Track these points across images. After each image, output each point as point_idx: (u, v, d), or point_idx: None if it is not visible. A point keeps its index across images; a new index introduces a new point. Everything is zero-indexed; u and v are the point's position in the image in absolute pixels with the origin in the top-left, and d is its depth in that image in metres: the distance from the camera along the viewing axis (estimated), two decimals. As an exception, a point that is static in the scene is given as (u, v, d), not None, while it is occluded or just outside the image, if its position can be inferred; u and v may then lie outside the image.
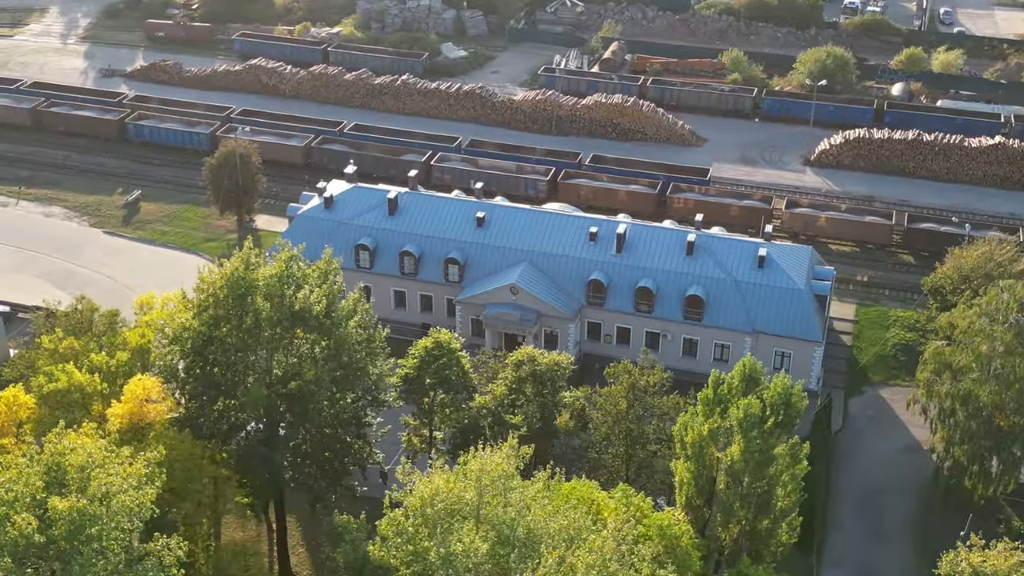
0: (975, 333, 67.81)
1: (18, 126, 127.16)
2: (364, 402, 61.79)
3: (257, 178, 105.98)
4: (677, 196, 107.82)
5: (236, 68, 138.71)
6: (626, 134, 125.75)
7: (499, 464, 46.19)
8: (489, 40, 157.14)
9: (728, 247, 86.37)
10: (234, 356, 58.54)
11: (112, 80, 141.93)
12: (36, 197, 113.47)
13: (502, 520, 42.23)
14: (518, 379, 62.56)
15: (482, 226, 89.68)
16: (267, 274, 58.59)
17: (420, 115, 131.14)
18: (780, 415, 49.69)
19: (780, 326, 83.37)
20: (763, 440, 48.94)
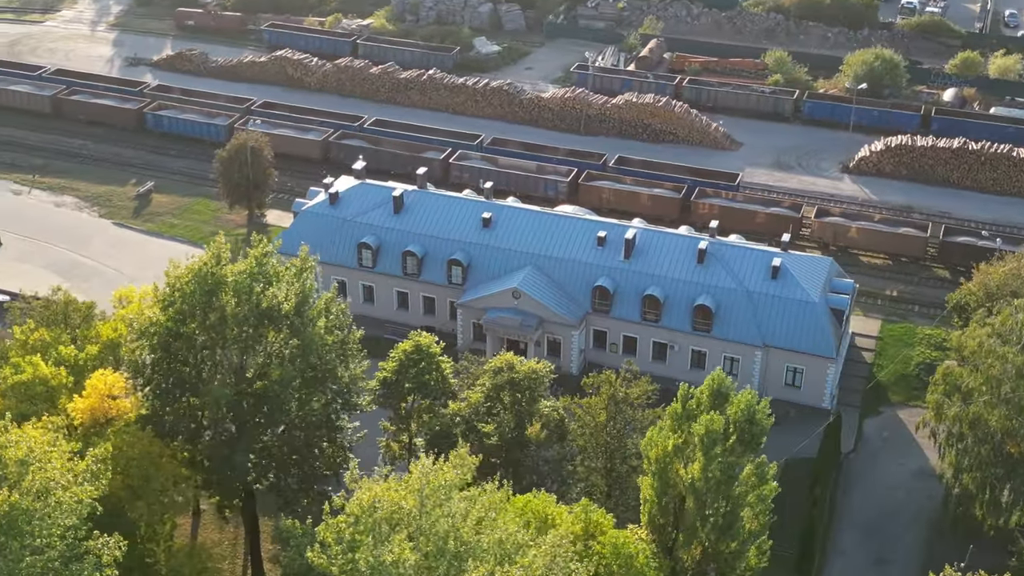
0: (985, 354, 66.33)
1: (38, 113, 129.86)
2: (335, 405, 61.98)
3: (268, 172, 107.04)
4: (702, 201, 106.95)
5: (262, 59, 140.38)
6: (657, 135, 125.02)
7: (446, 473, 46.11)
8: (525, 35, 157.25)
9: (741, 256, 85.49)
10: (201, 353, 59.14)
11: (138, 69, 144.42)
12: (49, 186, 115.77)
13: (435, 532, 42.18)
14: (495, 386, 62.40)
15: (488, 227, 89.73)
16: (237, 270, 59.09)
17: (446, 111, 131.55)
18: (743, 432, 48.97)
19: (792, 340, 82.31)
20: (725, 458, 48.30)
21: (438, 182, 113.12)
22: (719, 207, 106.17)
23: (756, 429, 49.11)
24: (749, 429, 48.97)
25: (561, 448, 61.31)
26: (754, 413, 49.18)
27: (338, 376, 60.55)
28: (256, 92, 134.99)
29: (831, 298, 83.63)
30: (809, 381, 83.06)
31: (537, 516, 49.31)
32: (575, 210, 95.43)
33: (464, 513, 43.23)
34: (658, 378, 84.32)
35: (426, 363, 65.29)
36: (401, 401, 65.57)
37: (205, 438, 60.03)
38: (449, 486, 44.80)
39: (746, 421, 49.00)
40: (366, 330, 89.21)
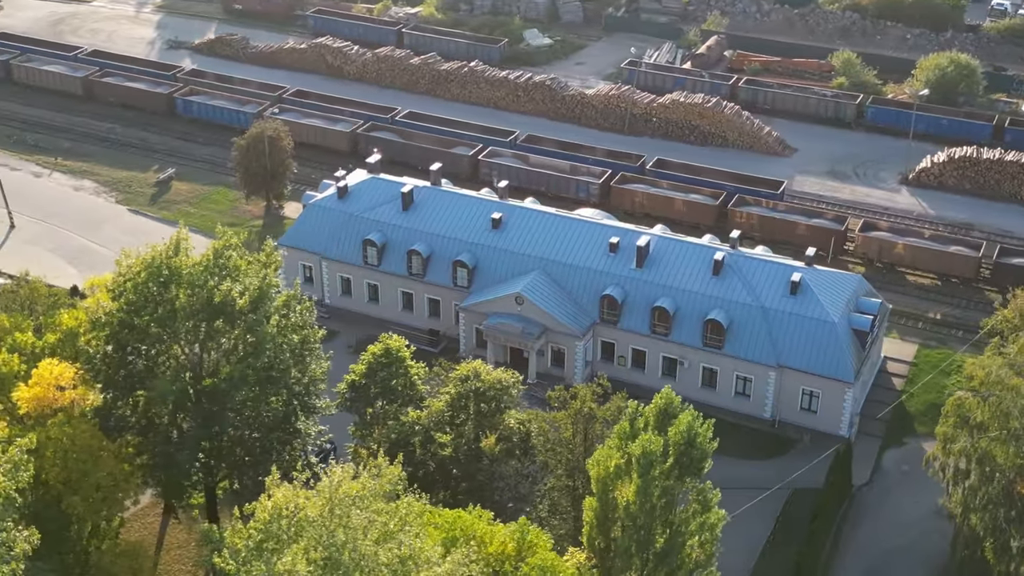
0: (993, 385, 64.46)
1: (70, 94, 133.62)
2: (293, 407, 62.69)
3: (287, 163, 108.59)
4: (740, 210, 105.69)
5: (302, 46, 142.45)
6: (705, 138, 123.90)
7: (365, 482, 46.44)
8: (582, 28, 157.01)
9: (760, 269, 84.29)
10: (155, 347, 60.32)
11: (177, 52, 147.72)
12: (71, 169, 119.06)
13: (332, 543, 42.51)
14: (459, 395, 62.53)
15: (497, 228, 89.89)
16: (192, 262, 60.17)
17: (486, 106, 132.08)
18: (682, 456, 48.30)
19: (808, 362, 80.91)
20: (662, 482, 47.73)
21: (466, 179, 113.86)
22: (757, 216, 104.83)
23: (696, 453, 48.42)
24: (688, 452, 48.30)
25: (521, 463, 61.09)
26: (695, 436, 48.49)
27: (292, 377, 61.07)
28: (293, 80, 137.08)
29: (854, 318, 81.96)
30: (826, 406, 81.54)
31: (465, 533, 49.31)
32: (595, 214, 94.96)
33: (365, 525, 43.45)
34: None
35: (395, 367, 65.56)
36: (368, 406, 65.95)
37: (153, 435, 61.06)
38: (358, 496, 45.04)
39: (686, 444, 48.34)
40: (369, 331, 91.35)
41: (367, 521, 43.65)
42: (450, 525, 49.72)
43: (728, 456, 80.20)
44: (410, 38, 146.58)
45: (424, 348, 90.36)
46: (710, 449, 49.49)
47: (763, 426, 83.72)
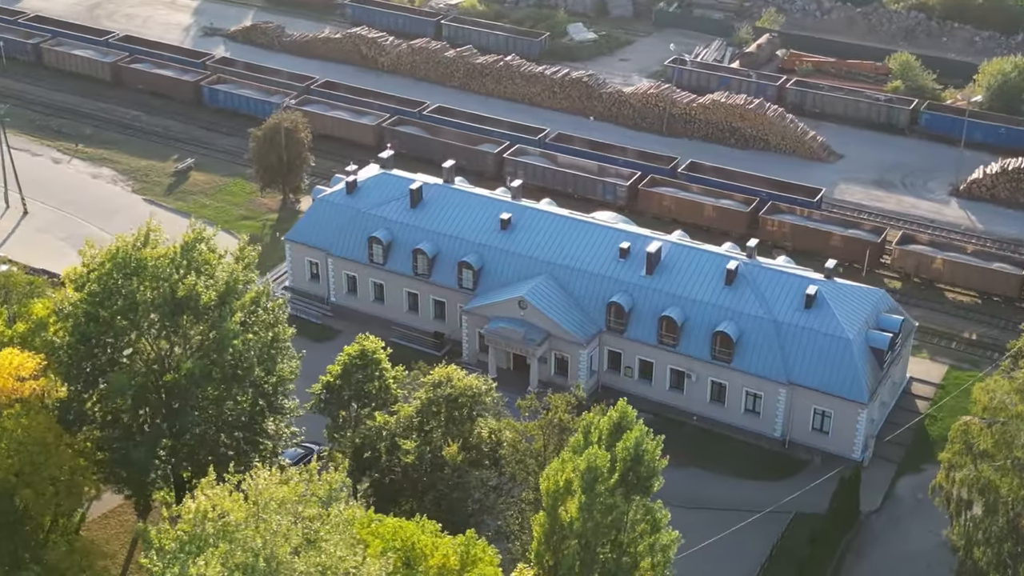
0: (997, 411, 63.05)
1: (99, 80, 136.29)
2: (259, 407, 63.30)
3: (304, 156, 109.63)
4: (772, 217, 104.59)
5: (336, 36, 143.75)
6: (747, 141, 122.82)
7: (295, 487, 46.81)
8: (631, 23, 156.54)
9: (775, 280, 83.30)
10: (119, 340, 61.29)
11: (212, 40, 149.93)
12: (91, 156, 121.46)
13: (248, 548, 42.89)
14: (429, 401, 62.68)
15: (506, 229, 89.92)
16: (158, 254, 61.07)
17: (521, 102, 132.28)
18: (628, 473, 47.88)
19: (819, 380, 79.79)
20: (605, 499, 47.40)
21: (491, 178, 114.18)
22: (790, 225, 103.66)
23: (643, 470, 48.00)
24: (635, 469, 47.91)
25: (490, 474, 60.99)
26: (642, 453, 48.08)
27: (255, 376, 61.66)
28: (326, 70, 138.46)
29: (872, 335, 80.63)
30: (838, 427, 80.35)
31: (405, 544, 49.43)
32: (612, 217, 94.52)
33: (286, 532, 43.78)
34: (674, 410, 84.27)
35: (370, 369, 65.94)
36: (342, 409, 66.39)
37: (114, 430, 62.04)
38: (286, 500, 45.40)
39: (632, 460, 47.95)
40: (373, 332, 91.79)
41: (287, 527, 43.94)
42: (391, 535, 49.85)
43: (732, 476, 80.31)
44: (448, 29, 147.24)
45: (428, 351, 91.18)
46: (658, 467, 49.02)
47: (773, 446, 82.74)
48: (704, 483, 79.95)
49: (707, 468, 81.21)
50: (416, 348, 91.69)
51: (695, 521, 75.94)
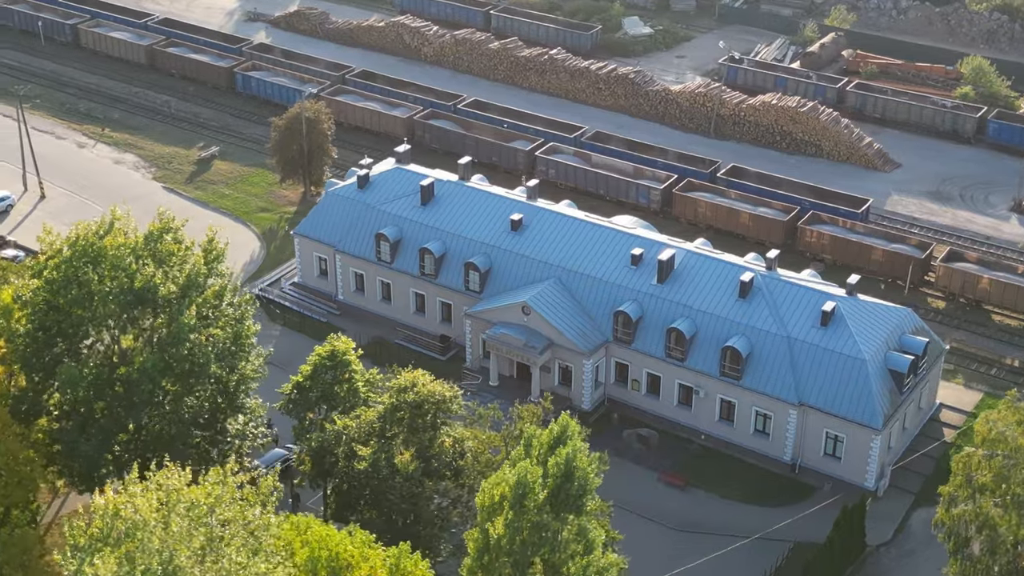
0: (996, 443, 61.51)
1: (134, 63, 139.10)
2: (217, 404, 64.10)
3: (326, 147, 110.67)
4: (811, 228, 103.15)
5: (380, 24, 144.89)
6: (798, 145, 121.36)
7: (206, 489, 47.40)
8: (693, 18, 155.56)
9: (792, 294, 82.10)
10: (79, 330, 62.53)
11: (254, 25, 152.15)
12: (115, 141, 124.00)
13: (147, 549, 43.50)
14: (392, 407, 62.94)
15: (516, 230, 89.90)
16: (119, 243, 62.17)
17: (564, 98, 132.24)
18: (558, 490, 47.53)
19: (832, 402, 78.46)
20: (531, 516, 47.11)
21: (524, 177, 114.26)
22: (829, 237, 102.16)
23: (574, 488, 47.64)
24: (565, 487, 47.59)
25: (439, 484, 61.03)
26: (573, 469, 47.74)
27: (212, 372, 62.39)
28: (367, 60, 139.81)
29: (891, 357, 79.08)
30: (851, 453, 78.95)
31: (330, 554, 49.73)
32: (631, 222, 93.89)
33: (187, 535, 44.32)
34: (682, 427, 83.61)
35: (339, 371, 66.43)
36: (310, 411, 66.97)
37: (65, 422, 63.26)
38: (194, 503, 45.98)
39: (563, 477, 47.64)
40: (378, 333, 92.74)
41: (188, 530, 44.49)
42: (317, 544, 50.19)
43: (736, 500, 79.40)
44: (497, 20, 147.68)
45: (432, 356, 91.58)
46: (592, 485, 48.63)
47: (783, 470, 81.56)
48: (704, 506, 79.13)
49: (710, 490, 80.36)
50: (420, 351, 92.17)
51: (687, 545, 75.70)
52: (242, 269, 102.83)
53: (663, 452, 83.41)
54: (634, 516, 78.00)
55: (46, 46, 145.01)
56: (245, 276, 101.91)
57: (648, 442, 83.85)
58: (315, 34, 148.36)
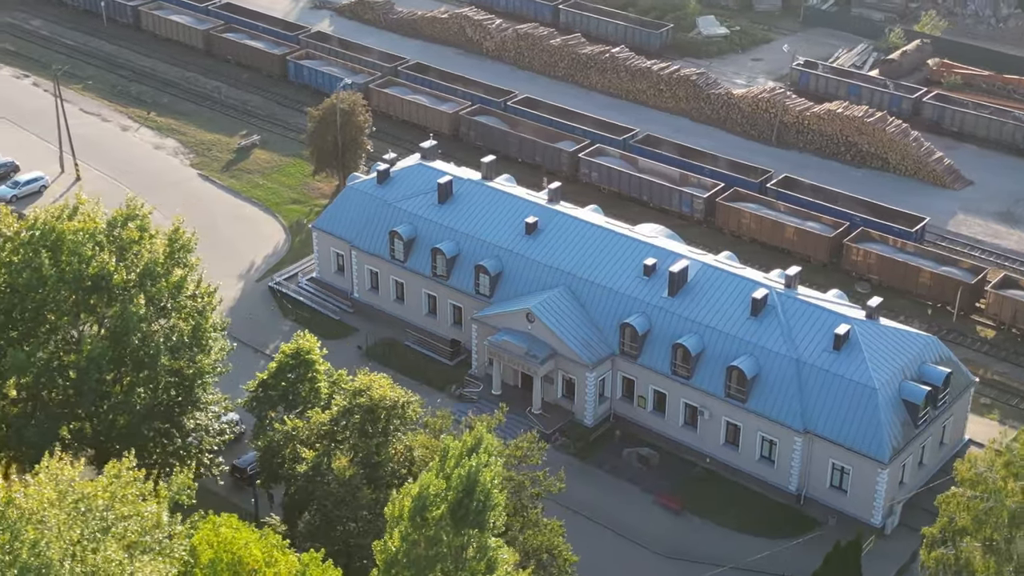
0: (976, 484, 59.69)
1: (191, 48, 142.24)
2: (171, 397, 65.28)
3: (361, 140, 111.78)
4: (858, 246, 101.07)
5: (443, 15, 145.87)
6: (863, 158, 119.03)
7: (104, 484, 48.39)
8: (776, 19, 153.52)
9: (807, 314, 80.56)
10: (35, 314, 64.24)
11: (320, 13, 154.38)
12: (159, 126, 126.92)
13: (16, 542, 44.48)
14: (345, 410, 63.43)
15: (531, 234, 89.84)
16: (77, 228, 63.74)
17: (624, 98, 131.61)
18: (458, 505, 47.31)
19: (838, 431, 76.83)
20: (427, 530, 47.02)
21: (566, 179, 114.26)
22: (876, 256, 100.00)
23: (474, 504, 47.40)
24: (465, 502, 47.40)
25: (379, 493, 61.18)
26: (474, 484, 47.53)
27: (162, 364, 63.45)
28: (427, 52, 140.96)
29: (906, 387, 77.13)
30: (857, 486, 77.19)
31: (233, 557, 50.31)
32: (656, 230, 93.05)
33: (57, 529, 45.23)
34: (687, 448, 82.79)
35: (302, 370, 67.19)
36: (271, 409, 67.83)
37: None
38: (91, 497, 46.99)
39: (463, 491, 47.46)
40: (388, 333, 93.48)
41: (65, 525, 45.41)
42: (221, 546, 50.85)
43: (732, 528, 78.48)
44: (566, 15, 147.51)
45: (441, 360, 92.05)
46: (497, 501, 48.33)
47: (787, 500, 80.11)
48: (698, 533, 78.12)
49: (706, 517, 79.28)
50: (429, 355, 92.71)
51: (671, 573, 74.81)
52: (263, 261, 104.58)
53: (663, 473, 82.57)
54: (621, 538, 77.71)
55: (108, 27, 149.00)
56: (265, 268, 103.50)
57: (648, 462, 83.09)
58: (379, 24, 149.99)
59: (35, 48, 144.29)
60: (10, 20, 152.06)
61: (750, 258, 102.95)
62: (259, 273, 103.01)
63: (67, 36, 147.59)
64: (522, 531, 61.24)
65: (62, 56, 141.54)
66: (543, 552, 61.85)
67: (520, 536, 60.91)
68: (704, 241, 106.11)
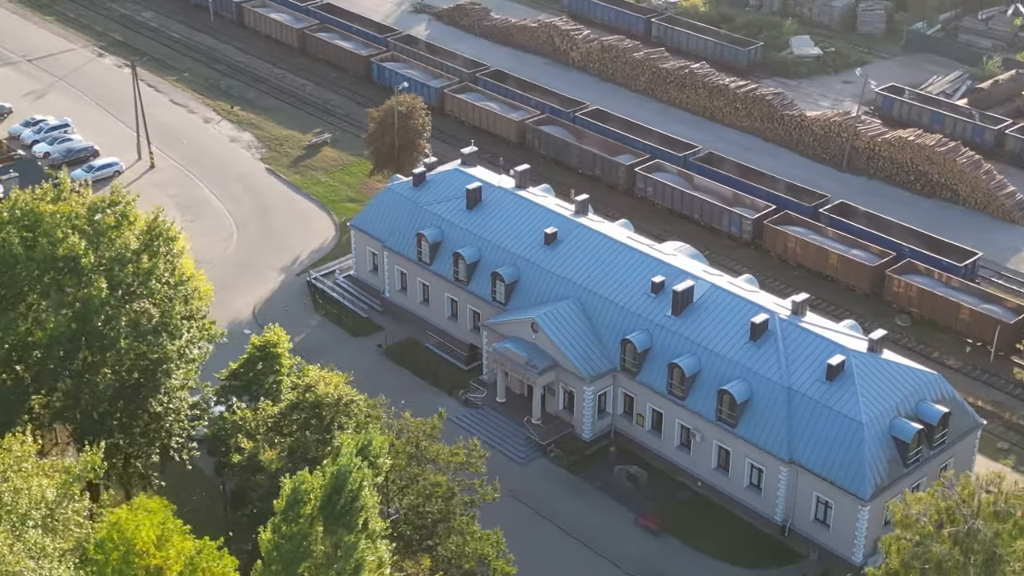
0: (907, 527, 57.48)
1: (286, 46, 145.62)
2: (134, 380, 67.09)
3: (418, 143, 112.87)
4: (900, 277, 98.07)
5: (533, 24, 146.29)
6: (933, 188, 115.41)
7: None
8: (878, 42, 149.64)
9: (805, 342, 78.57)
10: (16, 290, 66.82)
11: (419, 17, 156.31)
12: (240, 120, 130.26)
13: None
14: (293, 404, 64.35)
15: (549, 244, 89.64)
16: (54, 210, 66.06)
17: (700, 115, 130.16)
18: (326, 503, 47.56)
19: (822, 463, 74.77)
20: (292, 526, 47.39)
21: (622, 192, 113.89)
22: (917, 288, 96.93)
23: (340, 503, 47.63)
24: (332, 500, 47.68)
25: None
26: (343, 484, 47.76)
27: (119, 347, 65.13)
28: (513, 59, 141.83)
29: (897, 424, 74.64)
30: (839, 521, 75.00)
31: (123, 539, 51.48)
32: (680, 248, 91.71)
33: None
34: (681, 471, 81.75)
35: (268, 363, 68.41)
36: (238, 399, 69.20)
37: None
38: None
39: (332, 490, 47.77)
40: (411, 335, 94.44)
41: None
42: (113, 527, 52.09)
43: (710, 555, 77.17)
44: (658, 29, 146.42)
45: (457, 364, 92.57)
46: (366, 502, 48.47)
47: (772, 530, 78.27)
48: (673, 556, 76.91)
49: (686, 540, 77.99)
50: (446, 359, 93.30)
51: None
52: (308, 256, 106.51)
53: (650, 493, 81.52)
54: (594, 555, 76.99)
55: (214, 22, 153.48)
56: (308, 263, 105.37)
57: (637, 481, 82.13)
58: (473, 30, 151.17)
59: (141, 39, 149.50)
60: (124, 11, 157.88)
61: (792, 283, 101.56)
62: (301, 267, 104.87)
63: (173, 28, 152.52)
64: (445, 538, 61.25)
65: (165, 48, 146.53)
66: (468, 560, 61.74)
67: (440, 543, 60.97)
68: (749, 264, 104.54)
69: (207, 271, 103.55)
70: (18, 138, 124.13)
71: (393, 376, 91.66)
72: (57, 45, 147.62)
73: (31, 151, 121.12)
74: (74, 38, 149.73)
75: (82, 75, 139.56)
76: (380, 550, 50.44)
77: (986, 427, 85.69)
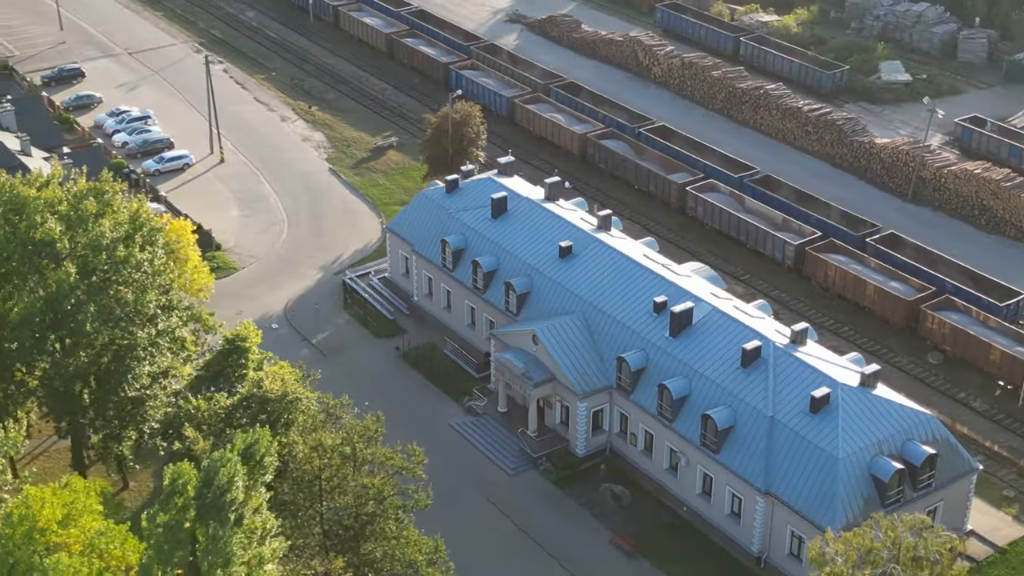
0: (821, 566, 55.84)
1: (376, 50, 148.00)
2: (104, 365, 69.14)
3: (471, 151, 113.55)
4: (935, 313, 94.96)
5: (619, 38, 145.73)
6: (996, 224, 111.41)
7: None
8: (977, 72, 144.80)
9: (796, 372, 76.76)
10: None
11: (512, 26, 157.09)
12: (314, 120, 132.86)
13: None
14: (244, 398, 65.46)
15: (564, 257, 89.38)
16: (37, 195, 68.50)
17: (773, 137, 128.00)
18: (200, 494, 48.36)
19: (796, 496, 72.94)
20: (161, 516, 48.32)
21: (674, 211, 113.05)
22: (950, 326, 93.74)
23: (211, 495, 48.39)
24: (204, 492, 48.51)
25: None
26: (213, 475, 48.52)
27: (85, 332, 67.07)
28: (596, 72, 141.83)
29: (877, 462, 72.34)
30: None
31: (25, 512, 53.15)
32: (697, 269, 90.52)
33: None
34: (669, 495, 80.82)
35: (236, 356, 69.76)
36: (207, 391, 70.65)
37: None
38: None
39: (203, 483, 48.59)
40: (431, 339, 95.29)
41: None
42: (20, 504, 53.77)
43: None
44: (746, 48, 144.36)
45: (469, 371, 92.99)
46: (236, 497, 49.11)
47: (749, 562, 76.64)
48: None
49: (658, 564, 76.87)
50: (461, 364, 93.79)
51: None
52: (350, 255, 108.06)
53: (632, 514, 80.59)
54: (563, 571, 76.32)
55: (313, 24, 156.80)
56: (348, 263, 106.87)
57: (620, 500, 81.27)
58: (562, 41, 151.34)
59: (239, 37, 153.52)
60: (230, 10, 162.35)
61: (829, 313, 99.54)
62: (340, 267, 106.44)
63: (271, 28, 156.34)
64: (372, 540, 61.69)
65: (259, 47, 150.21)
66: (397, 564, 62.05)
67: (370, 545, 61.42)
68: (789, 290, 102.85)
69: (252, 265, 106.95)
70: (101, 127, 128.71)
71: (405, 379, 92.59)
72: (160, 39, 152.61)
73: (111, 140, 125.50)
74: (177, 33, 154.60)
75: (176, 70, 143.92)
76: (262, 548, 51.10)
77: (995, 473, 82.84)
